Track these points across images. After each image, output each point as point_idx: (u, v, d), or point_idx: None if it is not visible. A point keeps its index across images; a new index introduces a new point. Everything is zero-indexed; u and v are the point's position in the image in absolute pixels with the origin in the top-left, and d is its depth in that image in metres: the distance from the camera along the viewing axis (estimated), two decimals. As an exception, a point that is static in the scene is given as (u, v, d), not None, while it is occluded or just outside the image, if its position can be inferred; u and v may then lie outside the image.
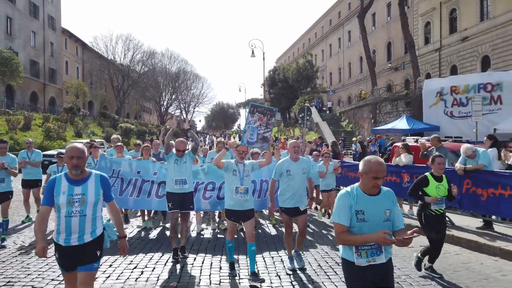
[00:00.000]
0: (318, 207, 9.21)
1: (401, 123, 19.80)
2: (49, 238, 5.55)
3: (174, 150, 5.73)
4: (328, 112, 37.37)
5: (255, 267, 4.80)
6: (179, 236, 5.74)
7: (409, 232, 2.46)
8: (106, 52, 55.04)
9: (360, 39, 48.23)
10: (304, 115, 12.35)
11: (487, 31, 28.47)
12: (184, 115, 76.34)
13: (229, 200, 4.79)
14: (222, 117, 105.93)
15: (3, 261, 5.39)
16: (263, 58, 33.01)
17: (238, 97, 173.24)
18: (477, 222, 6.86)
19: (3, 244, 6.13)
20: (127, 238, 6.02)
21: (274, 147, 9.07)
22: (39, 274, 4.83)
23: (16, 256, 5.66)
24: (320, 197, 8.63)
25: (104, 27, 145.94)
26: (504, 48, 27.15)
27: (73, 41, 51.79)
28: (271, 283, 4.63)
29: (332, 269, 5.08)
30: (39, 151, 8.60)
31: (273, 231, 7.44)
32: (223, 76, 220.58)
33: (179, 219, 5.83)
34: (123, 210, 7.90)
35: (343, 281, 2.96)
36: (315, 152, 9.46)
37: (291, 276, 4.86)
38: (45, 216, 3.09)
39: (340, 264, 2.87)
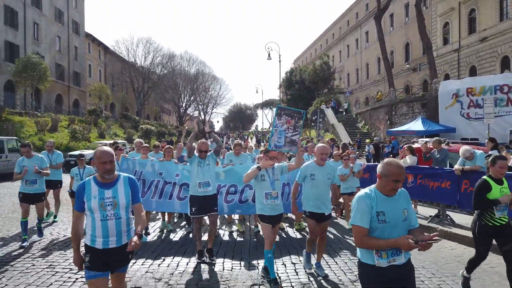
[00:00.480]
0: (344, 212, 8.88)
1: (416, 125, 19.91)
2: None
3: (196, 153, 5.70)
4: (344, 113, 37.46)
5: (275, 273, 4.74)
6: (204, 238, 5.66)
7: (430, 235, 2.48)
8: (128, 55, 56.68)
9: (377, 40, 48.20)
10: (317, 117, 12.72)
11: (507, 31, 28.07)
12: (202, 117, 77.53)
13: (260, 205, 4.74)
14: (239, 118, 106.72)
15: (44, 248, 6.10)
16: (279, 61, 33.64)
17: (255, 98, 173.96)
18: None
19: (24, 244, 6.24)
20: (149, 240, 6.43)
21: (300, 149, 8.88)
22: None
23: (54, 245, 6.32)
24: (341, 200, 8.37)
25: (125, 30, 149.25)
26: (524, 49, 26.78)
27: (96, 45, 53.51)
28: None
29: (355, 275, 4.95)
30: (60, 152, 8.56)
31: (297, 235, 7.28)
32: (240, 77, 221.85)
33: (208, 221, 5.69)
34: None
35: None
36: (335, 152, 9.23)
37: (313, 282, 4.80)
38: (78, 222, 3.14)
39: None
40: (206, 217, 6.16)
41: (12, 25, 34.37)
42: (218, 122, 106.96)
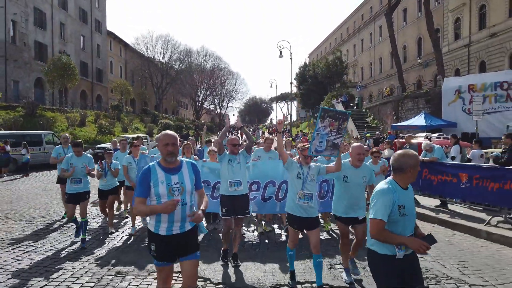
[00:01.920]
0: None
1: (419, 120, 21.03)
2: (136, 229, 6.87)
3: (227, 149, 5.48)
4: (355, 107, 38.52)
5: (321, 280, 4.39)
6: (231, 242, 5.46)
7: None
8: (147, 52, 58.82)
9: (398, 31, 48.80)
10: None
11: (516, 27, 28.62)
12: (218, 110, 79.19)
13: (291, 203, 4.47)
14: (255, 112, 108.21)
15: (117, 248, 6.14)
16: (291, 59, 34.75)
17: (270, 92, 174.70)
18: (436, 202, 8.72)
19: (83, 245, 6.15)
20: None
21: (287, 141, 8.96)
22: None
23: (130, 242, 6.37)
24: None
25: (144, 27, 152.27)
26: (532, 44, 27.30)
27: (116, 42, 55.77)
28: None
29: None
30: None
31: (326, 236, 6.92)
32: (256, 71, 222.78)
33: (233, 225, 5.45)
34: None
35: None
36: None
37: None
38: (141, 205, 3.05)
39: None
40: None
41: (41, 26, 36.70)
42: (234, 115, 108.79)
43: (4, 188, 12.42)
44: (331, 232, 7.19)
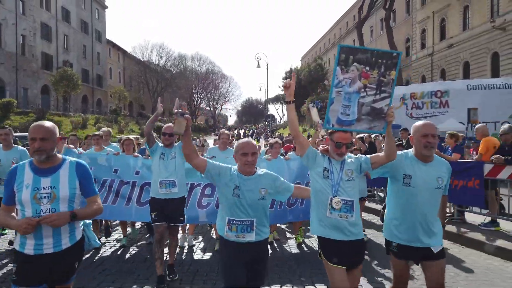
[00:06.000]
0: None
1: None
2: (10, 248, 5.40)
3: (160, 140, 4.61)
4: (331, 111, 42.23)
5: None
6: (165, 256, 4.56)
7: None
8: (143, 59, 62.86)
9: (370, 42, 52.73)
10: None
11: (467, 39, 32.27)
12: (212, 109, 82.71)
13: (318, 222, 2.81)
14: (251, 113, 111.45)
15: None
16: (267, 68, 38.43)
17: (260, 95, 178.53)
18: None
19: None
20: (102, 254, 5.29)
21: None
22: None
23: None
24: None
25: (141, 33, 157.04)
26: (479, 56, 31.04)
27: (115, 50, 59.64)
28: None
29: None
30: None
31: (293, 249, 5.78)
32: (248, 74, 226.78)
33: (167, 232, 4.51)
34: (103, 221, 6.44)
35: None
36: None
37: None
38: (4, 216, 2.43)
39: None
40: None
41: (47, 38, 40.61)
42: (230, 116, 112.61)
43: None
44: (303, 245, 5.87)
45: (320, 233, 2.78)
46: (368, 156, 2.92)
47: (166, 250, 4.70)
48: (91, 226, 3.00)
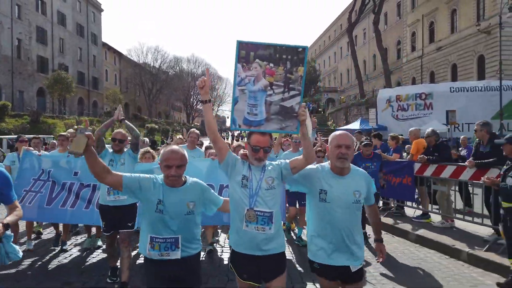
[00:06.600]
0: None
1: (355, 124, 25.43)
2: None
3: (110, 148, 4.57)
4: (322, 113, 43.04)
5: None
6: (120, 260, 4.38)
7: None
8: (138, 62, 63.49)
9: (363, 44, 53.47)
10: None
11: (455, 42, 32.95)
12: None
13: (235, 235, 2.62)
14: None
15: None
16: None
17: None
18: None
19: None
20: (60, 260, 5.10)
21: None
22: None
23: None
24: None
25: (136, 35, 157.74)
26: (466, 58, 31.69)
27: (111, 53, 60.17)
28: None
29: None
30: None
31: (292, 246, 5.88)
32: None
33: (117, 241, 4.44)
34: (57, 229, 6.15)
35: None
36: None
37: None
38: None
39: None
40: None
41: (42, 42, 41.08)
42: (228, 117, 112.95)
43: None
44: (213, 253, 5.59)
45: (235, 247, 2.61)
46: (287, 160, 2.70)
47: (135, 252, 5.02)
48: (12, 239, 2.57)
